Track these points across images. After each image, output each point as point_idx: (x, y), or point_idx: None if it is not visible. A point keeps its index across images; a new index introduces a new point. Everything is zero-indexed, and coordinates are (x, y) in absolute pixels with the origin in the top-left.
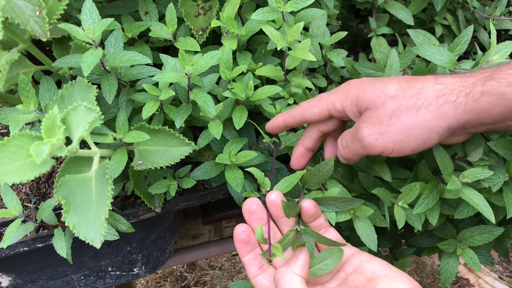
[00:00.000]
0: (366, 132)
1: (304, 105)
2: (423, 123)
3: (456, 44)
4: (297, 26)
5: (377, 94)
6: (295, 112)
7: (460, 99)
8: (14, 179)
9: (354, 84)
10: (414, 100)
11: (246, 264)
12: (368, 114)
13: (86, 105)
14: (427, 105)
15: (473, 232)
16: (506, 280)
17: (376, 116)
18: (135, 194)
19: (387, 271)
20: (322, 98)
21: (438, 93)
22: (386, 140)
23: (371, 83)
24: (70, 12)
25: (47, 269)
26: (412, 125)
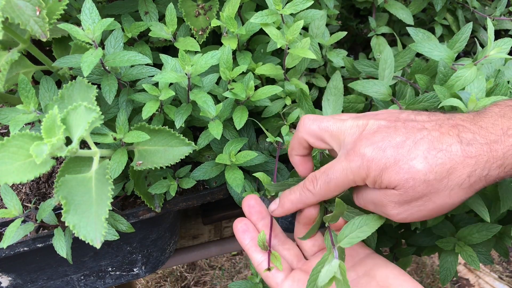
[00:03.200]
0: (394, 211)
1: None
2: (455, 199)
3: (455, 41)
4: (297, 24)
5: (405, 177)
6: (310, 200)
7: (492, 172)
8: (14, 179)
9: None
10: (446, 181)
11: (249, 251)
12: (396, 195)
13: (86, 105)
14: (459, 184)
15: (471, 230)
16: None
17: (405, 199)
18: (135, 194)
19: (401, 280)
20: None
21: (470, 170)
22: (415, 217)
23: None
24: (70, 12)
25: (47, 269)
26: (444, 204)
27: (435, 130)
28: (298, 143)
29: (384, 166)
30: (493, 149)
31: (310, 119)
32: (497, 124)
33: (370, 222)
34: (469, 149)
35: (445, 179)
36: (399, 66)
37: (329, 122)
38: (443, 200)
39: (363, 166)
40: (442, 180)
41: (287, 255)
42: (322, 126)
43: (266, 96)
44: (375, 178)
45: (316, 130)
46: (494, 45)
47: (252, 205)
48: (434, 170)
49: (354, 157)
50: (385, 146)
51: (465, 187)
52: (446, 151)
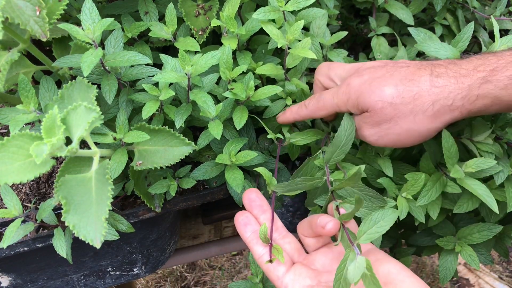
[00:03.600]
0: (367, 132)
1: (311, 107)
2: (421, 126)
3: (458, 41)
4: (298, 24)
5: (375, 99)
6: (303, 113)
7: (456, 103)
8: (14, 179)
9: (353, 87)
10: (411, 106)
11: (250, 244)
12: (368, 116)
13: (86, 105)
14: (423, 110)
15: (472, 229)
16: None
17: (375, 120)
18: (135, 194)
19: (404, 276)
20: (326, 100)
21: (434, 98)
22: (385, 140)
23: (369, 86)
24: (70, 12)
25: (47, 269)
26: (410, 129)
27: (415, 66)
28: (316, 84)
29: (361, 90)
30: (459, 81)
31: (324, 64)
32: (471, 62)
33: (386, 216)
34: (437, 80)
35: (410, 104)
36: None
37: (337, 64)
38: (409, 125)
39: (346, 91)
40: (407, 105)
41: (288, 249)
42: (331, 67)
43: (266, 96)
44: (353, 102)
45: (326, 71)
46: (500, 42)
47: (253, 198)
48: (401, 95)
49: (342, 85)
50: (367, 78)
51: (429, 114)
52: (415, 81)
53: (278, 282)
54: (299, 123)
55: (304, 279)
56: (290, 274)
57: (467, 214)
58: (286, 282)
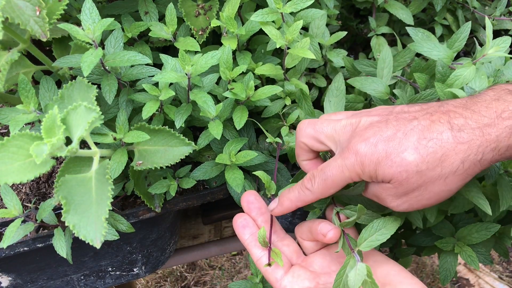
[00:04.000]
0: (394, 203)
1: (318, 189)
2: (452, 186)
3: (454, 40)
4: (296, 24)
5: (398, 170)
6: (308, 198)
7: (486, 157)
8: (14, 179)
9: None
10: (439, 169)
11: (248, 246)
12: (391, 188)
13: (86, 105)
14: (453, 171)
15: (470, 230)
16: (506, 280)
17: (401, 191)
18: (135, 194)
19: (402, 277)
20: (335, 176)
21: (463, 156)
22: (416, 207)
23: (385, 154)
24: (70, 12)
25: (47, 269)
26: (441, 192)
27: (426, 119)
28: (300, 148)
29: (377, 161)
30: (485, 133)
31: (305, 124)
32: (491, 107)
33: (388, 225)
34: (461, 135)
35: (438, 168)
36: (399, 66)
37: (323, 124)
38: (439, 188)
39: (357, 162)
40: (435, 169)
41: (287, 251)
42: (317, 128)
43: (266, 96)
44: (369, 173)
45: (312, 133)
46: (492, 43)
47: (251, 201)
48: (426, 160)
49: (348, 154)
50: (376, 141)
51: (459, 173)
52: (436, 139)
53: (277, 285)
54: None
55: (303, 281)
56: (288, 276)
57: (466, 214)
58: (284, 284)
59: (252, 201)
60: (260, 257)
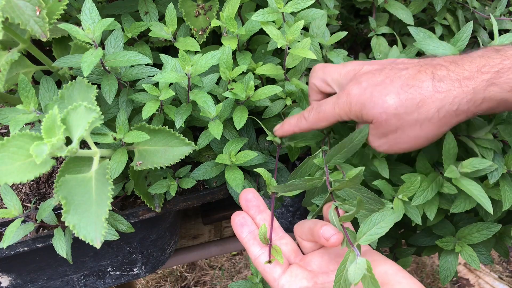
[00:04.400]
0: (376, 143)
1: (311, 119)
2: (428, 133)
3: (457, 40)
4: (297, 24)
5: (378, 111)
6: (303, 125)
7: (462, 107)
8: (14, 179)
9: (354, 96)
10: (415, 115)
11: (247, 244)
12: (373, 128)
13: (86, 105)
14: (429, 118)
15: (471, 229)
16: (506, 280)
17: (381, 132)
18: (135, 194)
19: (400, 277)
20: (327, 111)
21: (439, 104)
22: (396, 149)
23: (370, 96)
24: (70, 12)
25: (47, 269)
26: (418, 137)
27: (415, 70)
28: (311, 88)
29: (363, 101)
30: (463, 85)
31: (318, 67)
32: (474, 62)
33: (386, 218)
34: (440, 85)
35: (414, 113)
36: None
37: (332, 68)
38: (415, 132)
39: (347, 102)
40: (411, 114)
41: (285, 250)
42: (326, 71)
43: (266, 96)
44: (355, 113)
45: (322, 75)
46: (499, 41)
47: (249, 199)
48: (404, 104)
49: (342, 94)
50: (367, 85)
51: (434, 121)
52: (417, 87)
53: (274, 284)
54: None
55: (301, 280)
56: (286, 275)
57: (467, 214)
58: (282, 283)
59: (250, 199)
60: (258, 256)
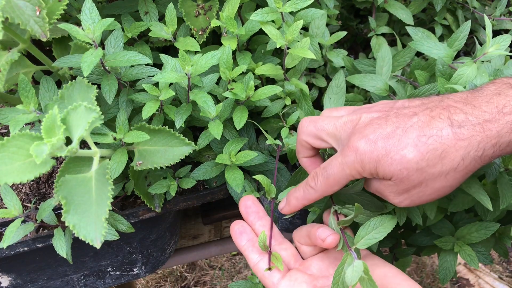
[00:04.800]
0: (396, 200)
1: (321, 187)
2: (453, 182)
3: (454, 39)
4: (296, 24)
5: (398, 168)
6: (313, 196)
7: (487, 153)
8: (14, 179)
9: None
10: (439, 166)
11: (246, 252)
12: (393, 186)
13: (86, 105)
14: (454, 168)
15: (470, 229)
16: (506, 280)
17: (402, 188)
18: (135, 194)
19: (400, 279)
20: (337, 175)
21: (463, 153)
22: (417, 202)
23: (385, 152)
24: (70, 12)
25: (47, 269)
26: (442, 188)
27: (426, 115)
28: (301, 145)
29: (377, 158)
30: (486, 129)
31: (307, 121)
32: (492, 102)
33: (385, 223)
34: (461, 131)
35: (438, 165)
36: (399, 65)
37: (325, 121)
38: (440, 184)
39: (357, 160)
40: (435, 166)
41: (284, 255)
42: (318, 126)
43: (266, 96)
44: (370, 171)
45: (314, 131)
46: (492, 42)
47: (249, 205)
48: (426, 157)
49: (348, 152)
50: (376, 138)
51: (460, 169)
52: (436, 136)
53: None
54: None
55: (300, 284)
56: (285, 280)
57: (466, 213)
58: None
59: (250, 206)
60: (257, 262)
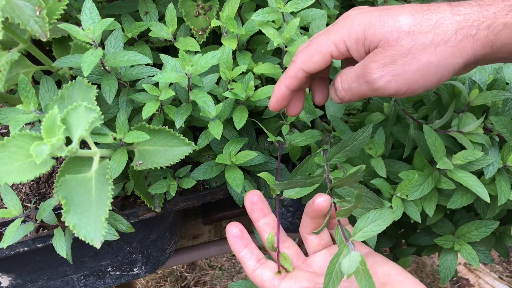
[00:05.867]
0: (378, 74)
1: (301, 56)
2: (442, 60)
3: None
4: (294, 22)
5: (389, 30)
6: (293, 69)
7: (481, 33)
8: (14, 179)
9: (357, 18)
10: (431, 35)
11: (243, 259)
12: (379, 53)
13: (86, 105)
14: (446, 40)
15: (470, 227)
16: (506, 280)
17: (389, 55)
18: (135, 194)
19: (402, 277)
20: (320, 41)
21: (457, 26)
22: (400, 82)
23: (379, 16)
24: (70, 12)
25: (47, 269)
26: (430, 64)
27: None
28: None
29: (368, 22)
30: (483, 9)
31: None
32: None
33: (384, 216)
34: (458, 8)
35: (430, 33)
36: None
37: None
38: (428, 58)
39: (346, 24)
40: (427, 34)
41: (287, 253)
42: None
43: (266, 96)
44: (357, 36)
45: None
46: None
47: (255, 201)
48: (419, 23)
49: (339, 20)
50: (372, 9)
51: (452, 45)
52: (433, 9)
53: None
54: (299, 124)
55: (301, 282)
56: (286, 279)
57: (466, 212)
58: (282, 286)
59: (256, 202)
60: (254, 270)
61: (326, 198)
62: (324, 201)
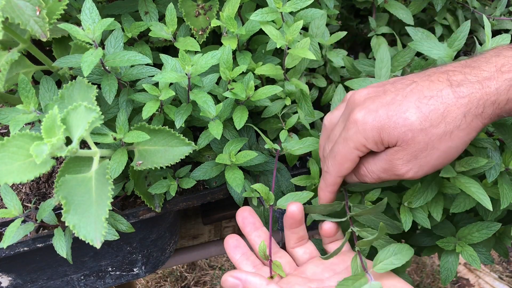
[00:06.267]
0: (404, 168)
1: (332, 168)
2: (458, 142)
3: (454, 39)
4: (297, 24)
5: (402, 131)
6: (331, 179)
7: (487, 110)
8: (14, 179)
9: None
10: (443, 126)
11: (239, 264)
12: (400, 151)
13: (86, 105)
14: (457, 126)
15: (471, 229)
16: (506, 280)
17: (410, 153)
18: (135, 194)
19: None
20: (343, 151)
21: (465, 110)
22: (426, 169)
23: (387, 117)
24: (70, 12)
25: (47, 269)
26: (449, 149)
27: (424, 80)
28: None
29: (380, 125)
30: (485, 86)
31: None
32: (490, 62)
33: (403, 251)
34: (460, 90)
35: (441, 124)
36: (399, 65)
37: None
38: (446, 144)
39: (359, 130)
40: (438, 125)
41: (280, 262)
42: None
43: (266, 96)
44: (374, 139)
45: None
46: (492, 41)
47: (245, 216)
48: (429, 117)
49: (350, 125)
50: (376, 107)
51: (463, 127)
52: (437, 97)
53: None
54: (299, 125)
55: (293, 286)
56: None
57: (467, 214)
58: None
59: (247, 217)
60: None
61: (298, 205)
62: (296, 208)
